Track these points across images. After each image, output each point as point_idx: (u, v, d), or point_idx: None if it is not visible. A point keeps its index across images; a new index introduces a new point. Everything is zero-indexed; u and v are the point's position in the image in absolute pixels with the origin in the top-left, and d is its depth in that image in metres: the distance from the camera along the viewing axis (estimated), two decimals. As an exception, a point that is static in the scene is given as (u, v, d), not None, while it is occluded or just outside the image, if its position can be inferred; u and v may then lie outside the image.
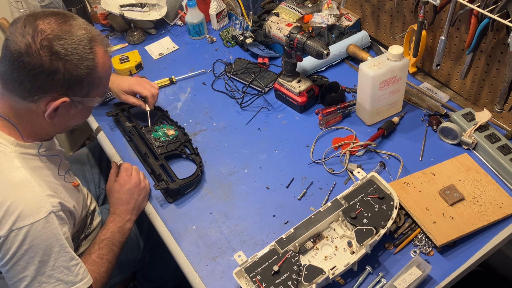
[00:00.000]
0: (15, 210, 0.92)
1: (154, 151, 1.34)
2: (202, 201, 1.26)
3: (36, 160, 1.04)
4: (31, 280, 0.95)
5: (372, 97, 1.30)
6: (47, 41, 0.91)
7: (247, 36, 1.66)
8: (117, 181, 1.25)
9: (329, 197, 1.22)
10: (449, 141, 1.31)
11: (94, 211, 1.33)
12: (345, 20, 1.68)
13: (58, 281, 0.98)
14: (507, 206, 1.12)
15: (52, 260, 0.97)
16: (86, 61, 0.95)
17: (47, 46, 0.90)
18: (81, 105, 1.02)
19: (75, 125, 1.13)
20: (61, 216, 1.00)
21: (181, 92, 1.59)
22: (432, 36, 1.41)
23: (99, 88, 1.03)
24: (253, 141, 1.40)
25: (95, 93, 1.03)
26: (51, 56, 0.91)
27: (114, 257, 1.16)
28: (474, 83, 1.35)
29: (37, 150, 1.04)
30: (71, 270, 0.99)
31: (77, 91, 0.98)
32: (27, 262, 0.95)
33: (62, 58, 0.92)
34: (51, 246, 0.96)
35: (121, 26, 1.82)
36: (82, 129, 2.26)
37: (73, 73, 0.94)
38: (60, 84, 0.94)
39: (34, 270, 0.95)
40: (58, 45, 0.91)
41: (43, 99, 0.96)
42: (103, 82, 1.04)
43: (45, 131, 1.06)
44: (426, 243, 1.09)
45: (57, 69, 0.92)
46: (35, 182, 0.97)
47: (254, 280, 0.99)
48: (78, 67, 0.94)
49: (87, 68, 0.96)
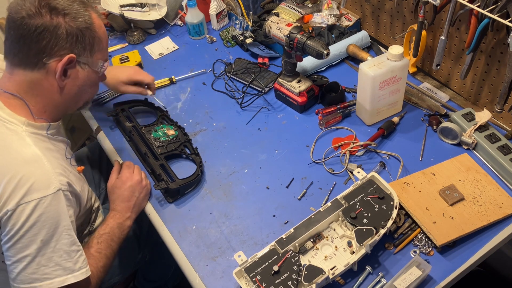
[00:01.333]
0: (25, 183, 0.94)
1: (154, 151, 1.34)
2: (202, 201, 1.26)
3: (45, 141, 1.07)
4: (30, 260, 0.96)
5: (372, 97, 1.30)
6: (45, 0, 0.98)
7: (247, 36, 1.66)
8: (119, 178, 1.25)
9: (329, 197, 1.22)
10: (449, 141, 1.31)
11: (98, 209, 1.33)
12: (345, 20, 1.68)
13: (56, 265, 0.98)
14: (507, 206, 1.12)
15: (54, 241, 0.97)
16: (83, 16, 1.02)
17: (46, 5, 0.98)
18: (87, 67, 1.07)
19: (86, 99, 1.16)
20: (68, 196, 1.02)
21: (181, 92, 1.59)
22: (432, 36, 1.41)
23: (100, 49, 1.08)
24: (253, 141, 1.40)
25: (98, 55, 1.08)
26: (51, 12, 0.97)
27: (112, 253, 1.16)
28: (474, 83, 1.35)
29: (45, 131, 1.07)
30: (70, 255, 1.00)
31: (81, 48, 1.03)
32: (30, 240, 0.95)
33: (60, 12, 0.98)
34: (56, 225, 0.97)
35: (121, 26, 1.83)
36: (82, 129, 2.26)
37: (73, 26, 1.00)
38: (63, 39, 0.99)
39: (35, 249, 0.96)
40: (55, 2, 0.99)
41: (52, 61, 1.00)
42: (104, 43, 1.09)
43: (55, 106, 1.08)
44: (426, 243, 1.09)
45: (58, 23, 0.98)
46: (45, 159, 1.00)
47: (254, 280, 0.99)
48: (77, 19, 1.00)
49: (85, 22, 1.02)
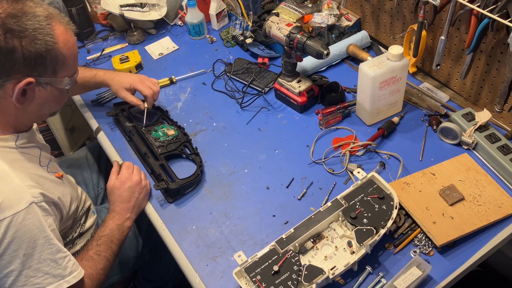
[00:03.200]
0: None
1: (154, 151, 1.34)
2: (202, 201, 1.26)
3: (14, 153, 1.02)
4: (17, 274, 0.94)
5: (372, 97, 1.30)
6: (0, 20, 0.89)
7: (247, 36, 1.66)
8: (119, 179, 1.24)
9: (329, 197, 1.22)
10: (449, 141, 1.31)
11: (89, 210, 1.32)
12: (345, 20, 1.68)
13: (46, 274, 0.96)
14: (507, 206, 1.12)
15: (37, 253, 0.95)
16: (44, 37, 0.92)
17: (1, 25, 0.88)
18: (49, 86, 0.99)
19: (51, 112, 1.09)
20: (43, 207, 0.98)
21: (181, 92, 1.59)
22: (432, 36, 1.41)
23: (65, 67, 0.99)
24: (253, 141, 1.40)
25: (63, 73, 1.00)
26: (6, 35, 0.89)
27: (112, 255, 1.16)
28: (474, 83, 1.35)
29: (14, 142, 1.03)
30: (58, 263, 0.98)
31: (41, 70, 0.95)
32: (12, 256, 0.93)
33: (17, 35, 0.89)
34: (35, 238, 0.95)
35: (121, 26, 1.82)
36: (82, 129, 2.26)
37: (31, 50, 0.91)
38: (20, 63, 0.91)
39: (19, 264, 0.94)
40: (12, 23, 0.89)
41: (8, 83, 0.93)
42: (69, 60, 0.99)
43: (19, 120, 1.03)
44: (426, 243, 1.09)
45: (14, 47, 0.89)
46: (13, 173, 0.96)
47: (254, 280, 0.99)
48: (35, 43, 0.91)
49: (46, 44, 0.93)
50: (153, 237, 1.37)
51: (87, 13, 1.82)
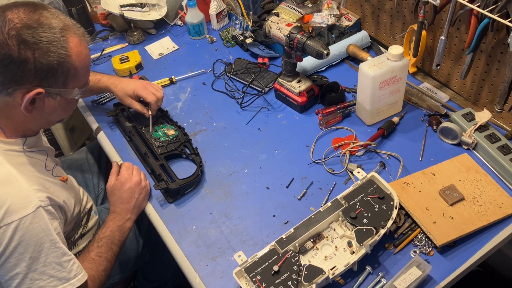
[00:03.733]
0: (2, 206, 0.92)
1: (154, 151, 1.34)
2: (202, 201, 1.26)
3: (21, 157, 1.03)
4: (23, 277, 0.95)
5: (372, 97, 1.30)
6: (15, 30, 0.89)
7: (247, 36, 1.66)
8: (118, 180, 1.24)
9: (329, 197, 1.22)
10: (449, 141, 1.31)
11: (91, 210, 1.33)
12: (345, 20, 1.68)
13: (51, 277, 0.97)
14: (507, 206, 1.12)
15: (43, 256, 0.96)
16: (57, 49, 0.92)
17: (15, 36, 0.89)
18: (59, 97, 0.99)
19: (59, 119, 1.09)
20: (50, 211, 0.99)
21: (181, 92, 1.59)
22: (432, 36, 1.41)
23: (76, 79, 0.99)
24: (253, 141, 1.40)
25: (73, 85, 1.00)
26: (19, 45, 0.89)
27: (113, 256, 1.16)
28: (474, 83, 1.35)
29: (21, 146, 1.03)
30: (63, 266, 0.99)
31: (52, 82, 0.95)
32: (18, 259, 0.94)
33: (31, 47, 0.90)
34: (41, 242, 0.95)
35: (121, 26, 1.82)
36: (82, 129, 2.26)
37: (44, 62, 0.91)
38: (32, 74, 0.92)
39: (25, 267, 0.94)
40: (27, 34, 0.89)
41: (18, 92, 0.93)
42: (81, 72, 1.00)
43: (26, 126, 1.04)
44: (426, 243, 1.09)
45: (26, 58, 0.90)
46: (21, 177, 0.96)
47: (254, 280, 0.99)
48: (48, 55, 0.91)
49: (59, 56, 0.93)
50: (153, 237, 1.37)
51: (87, 13, 1.82)
